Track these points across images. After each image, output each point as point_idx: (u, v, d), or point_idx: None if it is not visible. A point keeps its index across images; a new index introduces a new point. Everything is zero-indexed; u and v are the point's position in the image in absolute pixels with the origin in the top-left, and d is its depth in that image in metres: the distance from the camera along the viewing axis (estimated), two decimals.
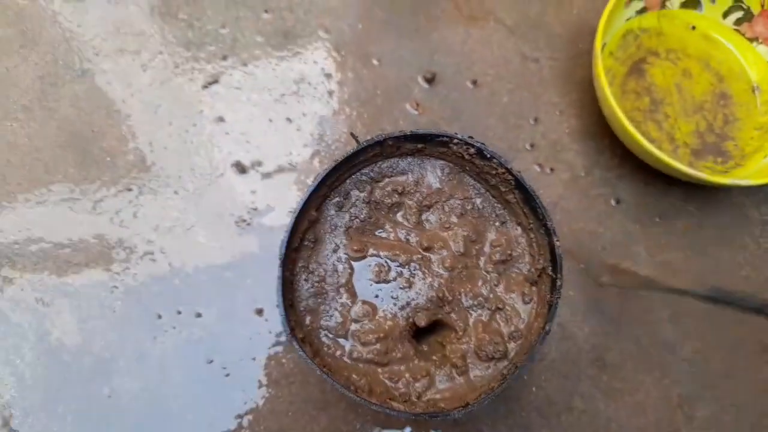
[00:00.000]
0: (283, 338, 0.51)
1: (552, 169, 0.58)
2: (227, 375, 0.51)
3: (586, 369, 0.52)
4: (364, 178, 0.45)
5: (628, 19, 0.60)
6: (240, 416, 0.50)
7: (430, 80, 0.59)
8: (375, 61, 0.60)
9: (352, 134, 0.44)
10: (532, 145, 0.59)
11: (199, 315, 0.52)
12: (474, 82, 0.60)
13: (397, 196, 0.45)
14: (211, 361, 0.51)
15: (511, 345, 0.42)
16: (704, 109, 0.60)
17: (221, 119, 0.56)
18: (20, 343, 0.51)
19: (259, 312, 0.52)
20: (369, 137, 0.43)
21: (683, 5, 0.61)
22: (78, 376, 0.50)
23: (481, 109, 0.59)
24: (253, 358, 0.51)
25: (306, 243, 0.43)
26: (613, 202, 0.57)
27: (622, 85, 0.60)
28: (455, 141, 0.42)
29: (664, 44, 0.62)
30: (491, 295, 0.44)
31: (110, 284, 0.52)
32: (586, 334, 0.53)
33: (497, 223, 0.45)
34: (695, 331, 0.54)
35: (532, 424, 0.51)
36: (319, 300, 0.42)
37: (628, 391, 0.52)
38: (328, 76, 0.59)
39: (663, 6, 0.61)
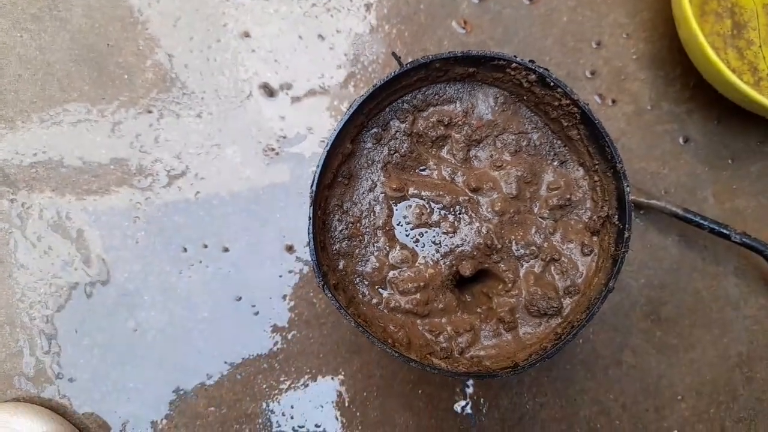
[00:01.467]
0: (312, 277, 0.48)
1: (614, 101, 0.52)
2: (256, 313, 0.48)
3: (638, 323, 0.48)
4: (405, 106, 0.39)
5: None
6: (269, 356, 0.48)
7: None
8: None
9: (393, 54, 0.39)
10: (593, 73, 0.52)
11: (226, 249, 0.49)
12: None
13: (442, 128, 0.39)
14: (240, 298, 0.48)
15: (567, 301, 0.38)
16: None
17: (247, 34, 0.51)
18: (43, 274, 0.49)
19: (290, 249, 0.49)
20: (411, 59, 0.38)
21: None
22: (102, 308, 0.48)
23: (537, 29, 0.53)
24: (283, 297, 0.48)
25: (340, 179, 0.39)
26: (680, 141, 0.51)
27: (701, 4, 0.52)
28: (514, 65, 0.37)
29: None
30: (546, 244, 0.39)
31: (132, 214, 0.49)
32: (641, 286, 0.49)
33: (555, 163, 0.40)
34: (762, 286, 0.50)
35: (575, 377, 0.48)
36: (354, 243, 0.39)
37: (683, 348, 0.48)
38: None
39: None
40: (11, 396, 0.48)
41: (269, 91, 0.50)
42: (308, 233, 0.34)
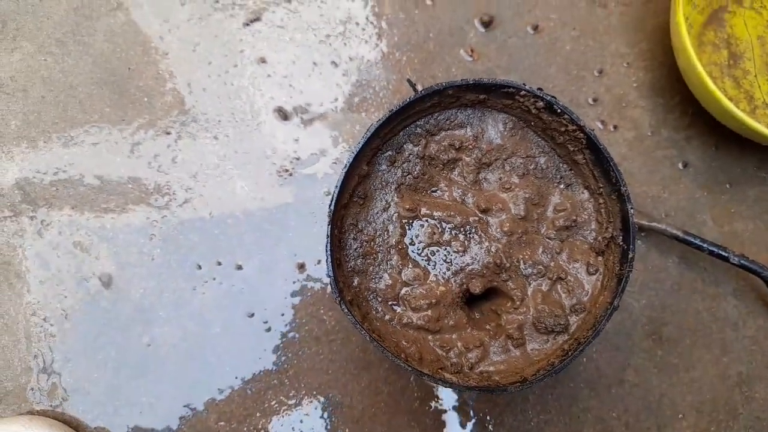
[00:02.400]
0: (325, 295, 0.49)
1: (615, 127, 0.54)
2: (268, 329, 0.49)
3: (640, 342, 0.50)
4: (418, 130, 0.41)
5: None
6: (279, 372, 0.49)
7: (487, 24, 0.54)
8: (428, 1, 0.55)
9: (408, 80, 0.41)
10: (595, 100, 0.54)
11: (239, 267, 0.50)
12: (535, 28, 0.55)
13: (453, 151, 0.41)
14: (252, 315, 0.49)
15: (573, 318, 0.40)
16: None
17: (263, 60, 0.53)
18: (59, 289, 0.50)
19: (301, 267, 0.50)
20: (422, 86, 0.39)
21: None
22: (117, 323, 0.49)
23: (541, 57, 0.55)
24: (294, 314, 0.50)
25: (355, 199, 0.40)
26: (680, 166, 0.53)
27: (698, 36, 0.55)
28: (522, 93, 0.38)
29: None
30: (552, 264, 0.41)
31: (149, 231, 0.50)
32: (642, 306, 0.50)
33: (562, 186, 0.42)
34: (761, 307, 0.51)
35: (579, 395, 0.49)
36: (368, 261, 0.40)
37: (683, 368, 0.49)
38: (378, 15, 0.54)
39: None
40: (26, 409, 0.49)
41: (284, 115, 0.52)
42: (326, 251, 0.35)
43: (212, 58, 0.53)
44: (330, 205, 0.36)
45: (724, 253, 0.48)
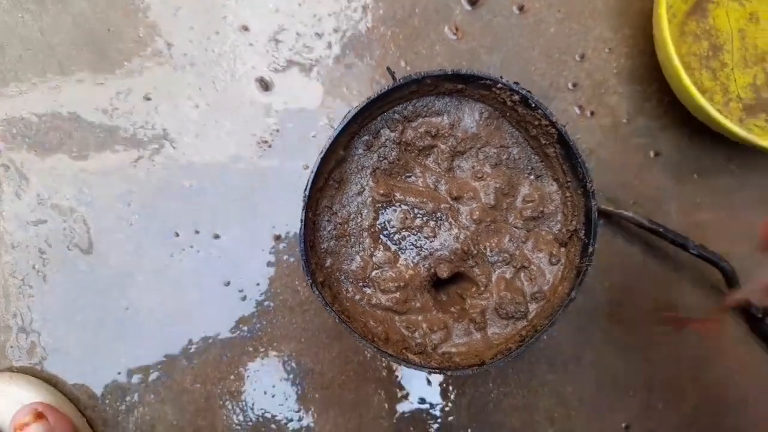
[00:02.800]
0: (299, 267, 0.51)
1: (593, 113, 0.55)
2: (243, 298, 0.51)
3: (600, 323, 0.52)
4: (396, 116, 0.42)
5: None
6: (253, 339, 0.51)
7: (474, 2, 0.54)
8: None
9: (388, 69, 0.41)
10: (574, 85, 0.55)
11: (216, 236, 0.51)
12: (521, 8, 0.55)
13: (429, 138, 0.42)
14: (228, 283, 0.51)
15: (533, 306, 0.42)
16: (766, 60, 0.55)
17: (245, 28, 0.52)
18: (37, 251, 0.51)
19: (277, 238, 0.51)
20: (404, 63, 0.40)
21: None
22: (95, 286, 0.51)
23: (525, 39, 0.55)
24: (270, 284, 0.51)
25: (331, 182, 0.41)
26: (651, 154, 0.55)
27: (681, 25, 0.55)
28: (499, 85, 0.39)
29: None
30: (517, 252, 0.43)
31: (127, 198, 0.51)
32: (605, 288, 0.53)
33: (532, 177, 0.43)
34: (715, 295, 0.53)
35: (538, 371, 0.52)
36: (341, 243, 0.41)
37: (638, 348, 0.52)
38: None
39: None
40: (5, 366, 0.50)
41: (265, 85, 0.52)
42: (299, 235, 0.36)
43: (194, 23, 0.52)
44: (305, 190, 0.37)
45: (683, 243, 0.50)
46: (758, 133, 0.53)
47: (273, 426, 0.51)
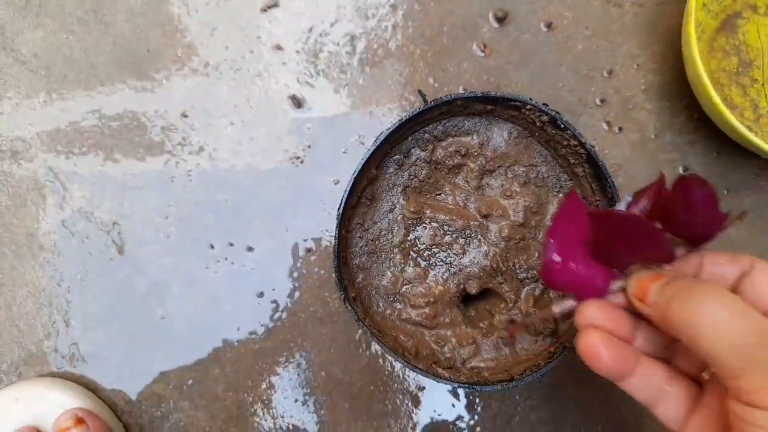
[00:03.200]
0: (330, 279, 0.52)
1: (621, 129, 0.55)
2: (275, 309, 0.52)
3: None
4: (426, 136, 0.43)
5: None
6: (285, 348, 0.52)
7: (501, 19, 0.55)
8: None
9: (419, 92, 0.42)
10: (602, 101, 0.55)
11: (250, 249, 0.53)
12: (549, 25, 0.55)
13: (459, 157, 0.43)
14: (261, 294, 0.52)
15: (561, 324, 0.42)
16: None
17: (279, 47, 0.54)
18: (82, 260, 0.53)
19: (308, 251, 0.53)
20: (432, 80, 0.40)
21: None
22: (133, 295, 0.52)
23: (553, 56, 0.55)
24: (300, 295, 0.52)
25: (363, 200, 0.42)
26: (681, 170, 0.55)
27: (710, 41, 0.55)
28: (528, 107, 0.40)
29: None
30: None
31: (164, 211, 0.53)
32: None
33: (561, 195, 0.44)
34: None
35: (565, 384, 0.52)
36: (372, 258, 0.43)
37: None
38: (393, 7, 0.55)
39: None
40: (47, 371, 0.52)
41: (297, 103, 0.53)
42: (333, 252, 0.37)
43: (229, 43, 0.54)
44: (339, 208, 0.38)
45: None
46: None
47: None
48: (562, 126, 0.40)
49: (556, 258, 0.30)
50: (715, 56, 0.55)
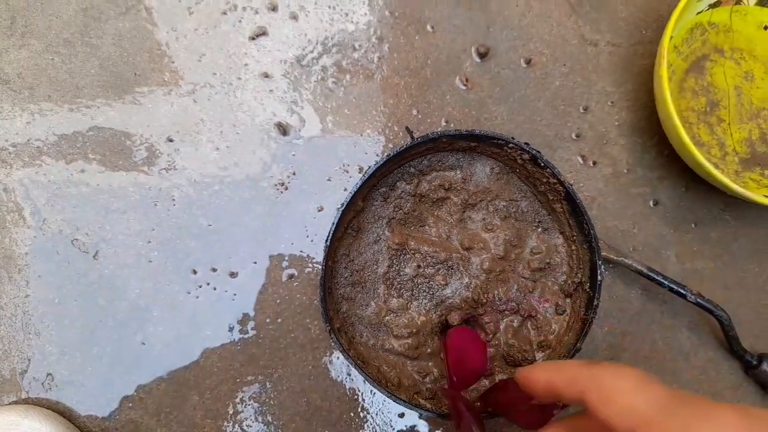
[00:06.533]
0: (311, 305, 0.53)
1: (595, 163, 0.57)
2: (256, 335, 0.52)
3: None
4: (412, 170, 0.44)
5: (699, 13, 0.57)
6: (266, 375, 0.52)
7: (483, 54, 0.57)
8: (429, 28, 0.57)
9: (407, 128, 0.43)
10: (578, 135, 0.57)
11: (233, 274, 0.53)
12: (528, 62, 0.57)
13: (443, 191, 0.44)
14: (242, 320, 0.52)
15: (539, 354, 0.43)
16: (760, 117, 0.58)
17: (266, 75, 0.55)
18: (60, 283, 0.52)
19: (291, 277, 0.53)
20: (416, 111, 0.41)
21: (761, 2, 0.58)
22: (113, 320, 0.52)
23: (531, 91, 0.57)
24: (282, 321, 0.53)
25: (349, 231, 0.43)
26: (651, 204, 0.57)
27: (680, 81, 0.58)
28: (510, 145, 0.42)
29: (731, 42, 0.59)
30: (525, 302, 0.45)
31: (147, 235, 0.53)
32: (605, 333, 0.54)
33: (539, 230, 0.45)
34: (712, 340, 0.55)
35: None
36: (357, 289, 0.43)
37: None
38: (380, 39, 0.56)
39: (738, 1, 0.58)
40: (21, 398, 0.51)
41: (283, 130, 0.54)
42: (319, 283, 0.38)
43: (217, 69, 0.55)
44: (326, 240, 0.39)
45: (682, 291, 0.52)
46: (753, 186, 0.55)
47: None
48: (543, 164, 0.41)
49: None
50: (684, 96, 0.58)
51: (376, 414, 0.53)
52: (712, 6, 0.57)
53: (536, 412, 0.33)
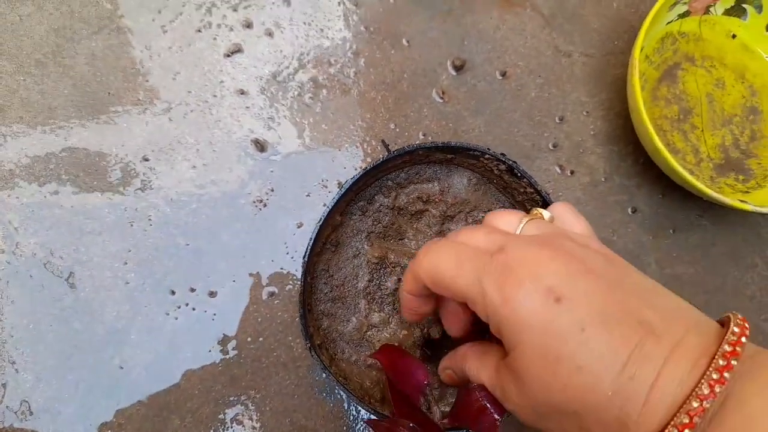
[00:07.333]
0: (293, 323, 0.52)
1: (572, 172, 0.58)
2: (237, 355, 0.51)
3: None
4: (389, 183, 0.44)
5: (668, 23, 0.58)
6: (248, 397, 0.51)
7: (459, 67, 0.57)
8: (405, 42, 0.57)
9: (383, 141, 0.43)
10: (555, 145, 0.58)
11: (212, 294, 0.52)
12: (503, 74, 0.58)
13: (421, 203, 0.44)
14: (222, 340, 0.52)
15: None
16: (732, 123, 0.59)
17: (242, 92, 0.55)
18: (34, 308, 0.51)
19: (272, 294, 0.52)
20: (393, 125, 0.42)
21: (727, 12, 0.59)
22: (89, 345, 0.51)
23: (507, 102, 0.58)
24: (263, 340, 0.52)
25: (328, 246, 0.43)
26: (629, 211, 0.58)
27: (653, 90, 0.59)
28: (487, 156, 0.42)
29: (702, 50, 0.60)
30: None
31: (123, 256, 0.52)
32: None
33: None
34: None
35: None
36: (338, 304, 0.43)
37: None
38: (356, 54, 0.56)
39: (707, 11, 0.59)
40: None
41: (260, 147, 0.54)
42: (299, 300, 0.38)
43: (192, 87, 0.54)
44: (304, 256, 0.39)
45: None
46: (728, 191, 0.56)
47: None
48: (519, 174, 0.41)
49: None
50: (658, 104, 0.58)
51: (361, 431, 0.52)
52: (681, 16, 0.58)
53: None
